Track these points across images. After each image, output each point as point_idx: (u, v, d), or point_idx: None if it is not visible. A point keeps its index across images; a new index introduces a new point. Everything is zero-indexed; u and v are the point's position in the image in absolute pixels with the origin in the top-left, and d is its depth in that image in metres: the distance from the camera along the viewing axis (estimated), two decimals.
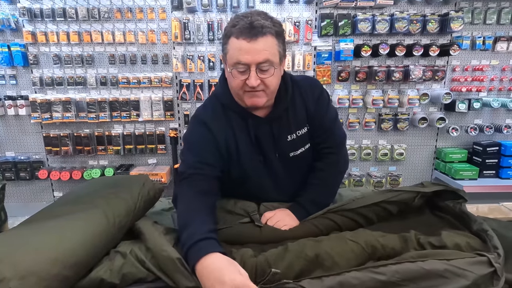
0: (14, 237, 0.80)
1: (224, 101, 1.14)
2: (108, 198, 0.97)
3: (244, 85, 1.02)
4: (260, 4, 2.61)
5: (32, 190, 2.88)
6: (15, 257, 0.70)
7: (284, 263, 0.81)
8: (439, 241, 0.87)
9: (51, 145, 2.72)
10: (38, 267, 0.70)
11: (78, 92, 2.71)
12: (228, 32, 1.00)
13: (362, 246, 0.85)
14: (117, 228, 0.89)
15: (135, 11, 2.59)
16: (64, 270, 0.73)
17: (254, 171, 1.17)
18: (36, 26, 2.59)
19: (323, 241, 0.87)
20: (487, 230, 0.88)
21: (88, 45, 2.64)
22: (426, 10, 2.66)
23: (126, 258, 0.82)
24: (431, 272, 0.72)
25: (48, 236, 0.79)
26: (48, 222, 0.85)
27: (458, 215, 1.01)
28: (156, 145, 2.80)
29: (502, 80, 2.79)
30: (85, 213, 0.88)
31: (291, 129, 1.15)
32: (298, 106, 1.15)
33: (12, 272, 0.67)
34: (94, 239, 0.82)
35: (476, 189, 2.60)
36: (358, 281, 0.72)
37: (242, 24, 0.97)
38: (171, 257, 0.79)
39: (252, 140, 1.13)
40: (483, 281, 0.73)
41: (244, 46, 0.97)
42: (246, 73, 1.00)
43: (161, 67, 2.71)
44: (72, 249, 0.76)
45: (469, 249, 0.85)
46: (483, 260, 0.75)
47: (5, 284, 0.65)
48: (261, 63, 0.98)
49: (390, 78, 2.66)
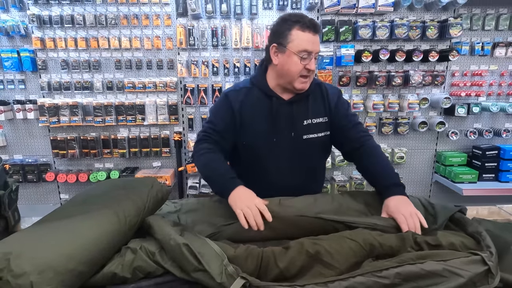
0: (31, 235, 0.84)
1: (255, 81, 1.37)
2: (119, 199, 1.01)
3: (303, 70, 1.25)
4: (263, 10, 2.67)
5: (39, 192, 2.93)
6: (33, 253, 0.74)
7: (287, 258, 0.84)
8: (435, 240, 0.90)
9: (58, 148, 2.77)
10: (55, 262, 0.74)
11: (85, 97, 2.77)
12: (291, 25, 1.24)
13: (360, 244, 0.88)
14: (128, 227, 0.94)
15: (141, 18, 2.65)
16: (79, 265, 0.77)
17: (268, 149, 1.34)
18: (45, 32, 2.65)
19: (322, 240, 0.90)
20: (481, 231, 0.91)
21: (95, 50, 2.70)
22: (425, 16, 2.72)
23: (137, 253, 0.86)
24: (430, 272, 0.75)
25: (64, 234, 0.83)
26: (63, 221, 0.89)
27: (453, 219, 1.05)
28: (161, 148, 2.85)
29: (501, 85, 2.84)
30: (97, 213, 0.93)
31: (308, 114, 1.34)
32: (318, 98, 1.37)
33: (31, 266, 0.71)
34: (106, 237, 0.86)
35: (476, 192, 2.63)
36: (363, 286, 0.74)
37: (305, 20, 1.23)
38: (178, 243, 0.83)
39: (272, 117, 1.32)
40: (478, 279, 0.76)
41: (310, 38, 1.23)
42: (307, 60, 1.24)
43: (166, 72, 2.77)
44: (86, 246, 0.81)
45: (463, 248, 0.88)
46: (477, 259, 0.78)
47: (26, 278, 0.69)
48: (317, 53, 1.26)
49: (391, 83, 2.70)
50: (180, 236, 0.87)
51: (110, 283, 0.84)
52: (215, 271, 0.77)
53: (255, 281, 0.75)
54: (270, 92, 1.34)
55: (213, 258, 0.80)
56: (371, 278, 0.75)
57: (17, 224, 1.33)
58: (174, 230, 0.90)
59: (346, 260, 0.85)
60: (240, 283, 0.74)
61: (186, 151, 2.89)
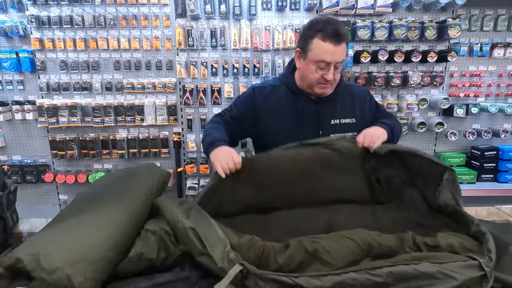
0: (52, 233, 0.86)
1: (283, 79, 1.41)
2: (127, 187, 1.06)
3: (320, 78, 1.27)
4: (262, 11, 2.67)
5: (38, 193, 2.93)
6: (61, 249, 0.77)
7: (286, 254, 0.86)
8: (433, 242, 0.90)
9: (57, 149, 2.77)
10: (85, 253, 0.77)
11: (83, 97, 2.77)
12: (314, 33, 1.24)
13: (358, 243, 0.89)
14: (141, 211, 0.99)
15: (140, 19, 2.65)
16: (108, 252, 0.81)
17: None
18: (44, 33, 2.65)
19: (321, 239, 0.91)
20: (485, 233, 0.90)
21: (94, 51, 2.70)
22: (424, 17, 2.72)
23: (156, 234, 0.91)
24: (424, 273, 0.75)
25: (86, 225, 0.86)
26: (80, 215, 0.91)
27: (454, 215, 1.04)
28: (160, 149, 2.84)
29: (500, 85, 2.84)
30: (112, 202, 0.97)
31: (336, 114, 1.37)
32: (347, 99, 1.41)
33: (63, 261, 0.74)
34: (125, 222, 0.91)
35: (474, 192, 2.64)
36: (356, 282, 0.75)
37: (330, 29, 1.21)
38: (185, 227, 0.88)
39: (298, 114, 1.36)
40: (472, 283, 0.76)
41: (330, 49, 1.22)
42: (325, 69, 1.26)
43: (165, 73, 2.77)
44: (110, 234, 0.85)
45: (462, 250, 0.87)
46: (474, 264, 0.78)
47: (61, 272, 0.72)
48: (338, 63, 1.26)
49: (389, 84, 2.71)
50: (186, 219, 0.91)
51: (137, 267, 0.88)
52: (218, 256, 0.81)
53: (253, 269, 0.78)
54: (298, 90, 1.38)
55: (217, 244, 0.84)
56: (364, 275, 0.76)
57: (15, 225, 1.33)
58: (181, 212, 0.95)
59: (343, 259, 0.85)
60: (238, 269, 0.77)
61: (185, 151, 2.89)
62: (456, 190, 1.06)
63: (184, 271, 0.90)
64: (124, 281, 0.86)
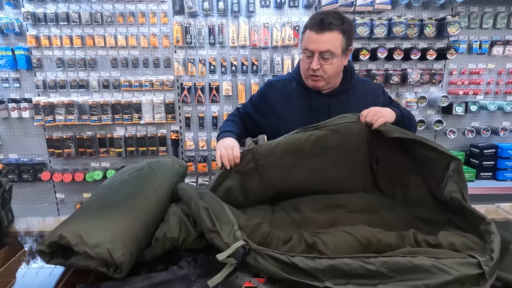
0: (84, 216, 0.92)
1: (294, 74, 1.43)
2: (151, 176, 1.13)
3: (309, 68, 1.29)
4: (261, 8, 2.65)
5: (35, 192, 2.91)
6: (99, 228, 0.85)
7: (288, 246, 0.89)
8: (434, 240, 0.89)
9: (53, 147, 2.75)
10: (121, 233, 0.86)
11: (80, 95, 2.75)
12: (307, 24, 1.29)
13: (357, 238, 0.89)
14: (165, 197, 1.09)
15: (137, 16, 2.63)
16: (139, 233, 0.91)
17: None
18: (40, 30, 2.63)
19: (321, 233, 0.93)
20: (492, 232, 0.87)
21: (91, 48, 2.68)
22: (423, 14, 2.71)
23: (178, 215, 1.01)
24: (418, 266, 0.75)
25: (117, 211, 0.94)
26: (110, 203, 0.98)
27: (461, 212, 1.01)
28: (158, 147, 2.83)
29: (499, 83, 2.84)
30: (138, 190, 1.05)
31: (348, 109, 1.31)
32: (359, 94, 1.40)
33: (104, 238, 0.82)
34: (152, 207, 1.00)
35: (473, 190, 2.63)
36: (348, 267, 0.76)
37: (315, 19, 1.25)
38: (198, 206, 0.96)
39: (310, 109, 1.37)
40: (467, 280, 0.75)
41: (312, 37, 1.25)
42: (310, 58, 1.27)
43: (162, 71, 2.75)
44: (140, 217, 0.94)
45: (464, 248, 0.86)
46: (473, 262, 0.76)
47: (103, 246, 0.80)
48: (323, 52, 1.24)
49: (388, 82, 2.70)
50: (201, 200, 0.98)
51: (162, 247, 0.96)
52: (225, 233, 0.89)
53: (254, 245, 0.85)
54: (307, 85, 1.39)
55: (226, 223, 0.91)
56: (357, 262, 0.76)
57: (10, 224, 1.31)
58: (196, 194, 1.02)
59: (339, 251, 0.85)
60: (240, 243, 0.84)
61: (183, 150, 2.88)
62: (462, 181, 1.02)
63: (182, 269, 0.90)
64: (121, 280, 0.85)
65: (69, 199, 2.93)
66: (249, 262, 0.85)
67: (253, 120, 1.51)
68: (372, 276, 0.76)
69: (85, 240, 0.80)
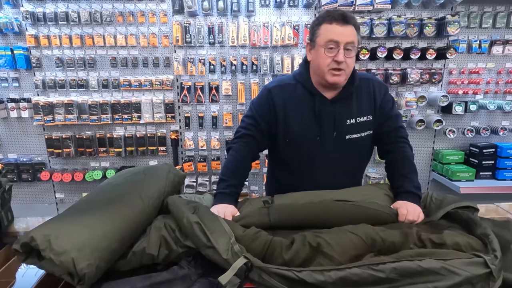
0: (65, 219, 0.90)
1: (299, 78, 1.35)
2: (141, 184, 1.09)
3: (331, 63, 1.22)
4: (260, 8, 2.65)
5: (34, 192, 2.90)
6: (71, 234, 0.82)
7: (292, 251, 0.86)
8: (439, 239, 0.89)
9: (53, 147, 2.75)
10: (92, 241, 0.82)
11: (80, 95, 2.74)
12: (321, 21, 1.23)
13: (361, 238, 0.88)
14: (151, 208, 1.04)
15: (136, 15, 2.62)
16: (113, 243, 0.85)
17: (309, 147, 1.33)
18: (39, 30, 2.62)
19: (324, 233, 0.91)
20: (489, 234, 0.89)
21: (90, 48, 2.67)
22: (423, 14, 2.71)
23: (161, 231, 0.94)
24: (428, 269, 0.75)
25: (95, 216, 0.90)
26: (93, 206, 0.96)
27: (464, 221, 1.03)
28: (157, 147, 2.82)
29: (498, 83, 2.84)
30: (123, 197, 1.01)
31: (352, 113, 1.31)
32: (364, 95, 1.34)
33: (71, 245, 0.78)
34: (133, 217, 0.96)
35: (473, 190, 2.63)
36: (358, 277, 0.75)
37: (335, 14, 1.21)
38: (190, 222, 0.91)
39: (315, 116, 1.31)
40: (478, 281, 0.75)
41: (337, 29, 1.20)
42: (334, 51, 1.21)
43: (162, 70, 2.74)
44: (117, 226, 0.89)
45: (468, 249, 0.86)
46: (479, 261, 0.77)
47: (68, 255, 0.77)
48: (348, 43, 1.20)
49: (388, 81, 2.70)
50: (193, 215, 0.93)
51: (139, 262, 0.91)
52: (222, 247, 0.83)
53: (257, 262, 0.80)
54: (314, 90, 1.33)
55: (221, 236, 0.86)
56: (366, 270, 0.76)
57: (10, 224, 1.31)
58: (188, 208, 0.96)
59: (345, 252, 0.85)
60: (243, 261, 0.79)
61: (182, 149, 2.87)
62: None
63: (183, 269, 0.89)
64: (121, 280, 0.85)
65: (68, 199, 2.92)
66: (253, 278, 0.81)
67: (263, 134, 1.37)
68: (382, 283, 0.76)
69: (52, 246, 0.78)
